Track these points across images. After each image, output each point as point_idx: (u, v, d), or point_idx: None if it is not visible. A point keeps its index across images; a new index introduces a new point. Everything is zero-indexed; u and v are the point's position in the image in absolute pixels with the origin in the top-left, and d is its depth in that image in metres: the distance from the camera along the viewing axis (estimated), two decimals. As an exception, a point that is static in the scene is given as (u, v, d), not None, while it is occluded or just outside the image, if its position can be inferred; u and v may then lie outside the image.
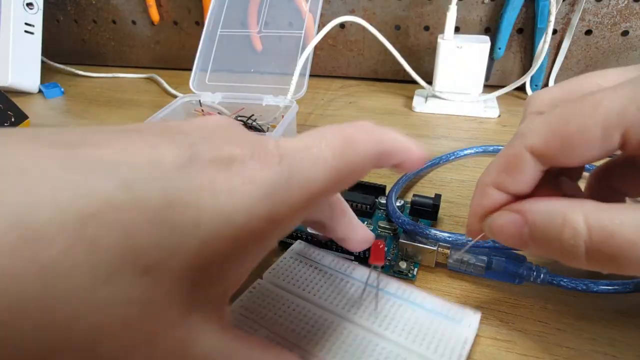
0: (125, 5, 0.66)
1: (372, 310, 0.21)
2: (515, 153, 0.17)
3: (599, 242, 0.14)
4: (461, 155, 0.39)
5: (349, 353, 0.20)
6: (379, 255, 0.21)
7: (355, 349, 0.20)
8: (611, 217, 0.14)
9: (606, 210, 0.15)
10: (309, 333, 0.21)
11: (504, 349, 0.21)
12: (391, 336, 0.20)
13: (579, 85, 0.18)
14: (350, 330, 0.21)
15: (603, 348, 0.21)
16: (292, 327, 0.21)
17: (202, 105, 0.44)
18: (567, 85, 0.19)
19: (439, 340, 0.20)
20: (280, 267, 0.24)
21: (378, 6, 0.54)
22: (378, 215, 0.29)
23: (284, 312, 0.22)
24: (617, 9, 0.46)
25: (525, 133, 0.17)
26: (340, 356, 0.19)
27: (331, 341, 0.20)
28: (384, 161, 0.17)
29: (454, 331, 0.20)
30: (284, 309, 0.22)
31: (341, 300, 0.22)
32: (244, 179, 0.13)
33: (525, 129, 0.17)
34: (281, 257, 0.25)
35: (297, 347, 0.20)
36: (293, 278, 0.24)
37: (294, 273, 0.24)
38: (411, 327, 0.20)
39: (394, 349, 0.20)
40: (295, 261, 0.25)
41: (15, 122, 0.43)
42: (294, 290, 0.23)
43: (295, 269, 0.24)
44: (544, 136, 0.16)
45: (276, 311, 0.22)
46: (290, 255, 0.25)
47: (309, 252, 0.25)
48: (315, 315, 0.21)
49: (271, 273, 0.24)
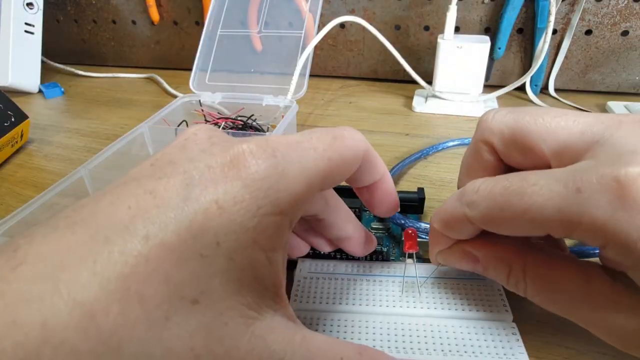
0: (125, 5, 0.66)
1: (415, 297, 0.22)
2: (457, 218, 0.19)
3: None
4: (439, 149, 0.40)
5: (414, 342, 0.20)
6: (413, 241, 0.21)
7: (415, 336, 0.20)
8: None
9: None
10: (360, 340, 0.21)
11: (504, 349, 0.21)
12: (441, 312, 0.22)
13: (528, 125, 0.18)
14: (401, 322, 0.21)
15: (603, 348, 0.21)
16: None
17: (202, 105, 0.44)
18: (518, 119, 0.19)
19: (479, 298, 0.22)
20: (300, 290, 0.23)
21: (378, 6, 0.54)
22: (367, 217, 0.29)
23: (331, 331, 0.21)
24: (617, 9, 0.46)
25: (469, 202, 0.18)
26: (405, 347, 0.20)
27: (387, 337, 0.21)
28: (366, 167, 0.19)
29: (488, 288, 0.23)
30: (328, 327, 0.21)
31: (375, 299, 0.22)
32: (244, 181, 0.13)
33: (469, 197, 0.18)
34: (295, 281, 0.24)
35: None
36: (318, 295, 0.23)
37: (317, 291, 0.23)
38: (453, 298, 0.22)
39: (447, 322, 0.21)
40: (310, 280, 0.24)
41: (15, 122, 0.43)
42: (327, 307, 0.22)
43: (317, 286, 0.24)
44: (482, 214, 0.17)
45: (323, 333, 0.21)
46: (303, 275, 0.24)
47: (318, 267, 0.25)
48: (362, 322, 0.21)
49: (296, 300, 0.23)
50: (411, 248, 0.21)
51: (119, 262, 0.11)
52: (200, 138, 0.16)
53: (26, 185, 0.39)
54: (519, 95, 0.52)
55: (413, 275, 0.23)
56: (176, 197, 0.13)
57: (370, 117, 0.49)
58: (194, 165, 0.14)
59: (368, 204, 0.22)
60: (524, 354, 0.20)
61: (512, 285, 0.19)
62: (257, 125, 0.42)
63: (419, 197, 0.29)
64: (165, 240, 0.12)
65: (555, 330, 0.22)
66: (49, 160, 0.43)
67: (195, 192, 0.13)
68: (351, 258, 0.26)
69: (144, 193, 0.13)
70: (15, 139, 0.44)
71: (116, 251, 0.12)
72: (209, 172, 0.14)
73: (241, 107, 0.44)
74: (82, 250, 0.12)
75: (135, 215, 0.12)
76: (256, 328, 0.13)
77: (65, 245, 0.12)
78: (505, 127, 0.19)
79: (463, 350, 0.20)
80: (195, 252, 0.12)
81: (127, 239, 0.12)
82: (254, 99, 0.43)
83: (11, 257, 0.12)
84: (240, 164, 0.14)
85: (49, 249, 0.12)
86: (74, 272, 0.11)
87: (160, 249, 0.12)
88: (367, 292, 0.23)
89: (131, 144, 0.37)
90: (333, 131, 0.17)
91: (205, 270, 0.12)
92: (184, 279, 0.12)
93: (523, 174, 0.16)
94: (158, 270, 0.12)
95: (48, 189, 0.29)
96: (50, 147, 0.46)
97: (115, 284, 0.11)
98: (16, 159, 0.44)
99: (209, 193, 0.13)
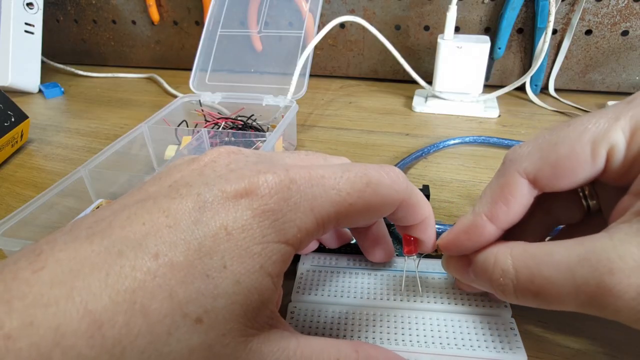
0: (125, 5, 0.66)
1: (415, 291, 0.23)
2: (508, 180, 0.17)
3: (524, 281, 0.16)
4: (441, 147, 0.40)
5: (413, 335, 0.21)
6: (412, 246, 0.21)
7: (414, 329, 0.21)
8: (535, 259, 0.16)
9: (531, 252, 0.16)
10: (361, 332, 0.21)
11: (504, 349, 0.21)
12: (440, 307, 0.22)
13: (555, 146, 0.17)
14: (401, 315, 0.22)
15: (603, 348, 0.21)
16: (343, 333, 0.21)
17: (202, 105, 0.44)
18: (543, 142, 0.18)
19: (480, 294, 0.22)
20: (303, 283, 0.24)
21: (378, 6, 0.54)
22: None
23: (332, 322, 0.22)
24: (617, 9, 0.46)
25: (514, 159, 0.17)
26: (404, 339, 0.20)
27: (387, 330, 0.21)
28: (404, 211, 0.18)
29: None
30: (329, 319, 0.22)
31: (376, 292, 0.23)
32: (254, 211, 0.14)
33: (514, 155, 0.17)
34: (298, 274, 0.25)
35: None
36: (320, 288, 0.23)
37: (320, 283, 0.24)
38: (452, 293, 0.22)
39: (446, 316, 0.21)
40: (314, 272, 0.25)
41: (15, 121, 0.43)
42: (329, 300, 0.23)
43: (319, 279, 0.24)
44: (535, 159, 0.17)
45: (324, 325, 0.22)
46: (306, 268, 0.25)
47: (320, 261, 0.25)
48: (362, 314, 0.22)
49: (298, 292, 0.23)
50: (410, 252, 0.21)
51: (129, 277, 0.12)
52: (219, 165, 0.16)
53: (26, 185, 0.39)
54: (519, 95, 0.52)
55: (413, 270, 0.23)
56: (188, 219, 0.14)
57: (370, 117, 0.49)
58: (209, 188, 0.14)
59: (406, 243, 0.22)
60: (522, 349, 0.20)
61: (498, 278, 0.17)
62: (257, 125, 0.42)
63: (425, 194, 0.29)
64: (174, 259, 0.13)
65: (555, 330, 0.22)
66: (49, 160, 0.43)
67: (206, 216, 0.14)
68: (353, 252, 0.26)
69: (158, 211, 0.14)
70: (15, 139, 0.44)
71: (127, 265, 0.12)
72: (222, 197, 0.14)
73: (241, 107, 0.44)
74: (97, 261, 0.12)
75: (148, 233, 0.13)
76: (254, 344, 0.14)
77: (82, 255, 0.13)
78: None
79: (461, 344, 0.20)
80: (202, 273, 0.13)
81: (139, 255, 0.13)
82: (254, 99, 0.43)
83: (34, 261, 0.12)
84: (253, 193, 0.14)
85: (68, 256, 0.12)
86: (88, 281, 0.12)
87: (168, 267, 0.13)
88: (368, 285, 0.23)
89: (131, 144, 0.37)
90: (369, 172, 0.16)
91: (211, 290, 0.13)
92: (189, 297, 0.13)
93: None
94: (164, 287, 0.12)
95: (48, 189, 0.29)
96: (50, 147, 0.46)
97: (123, 296, 0.12)
98: (16, 159, 0.44)
99: (219, 218, 0.14)
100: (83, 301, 0.12)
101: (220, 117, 0.43)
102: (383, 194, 0.16)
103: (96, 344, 0.11)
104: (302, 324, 0.22)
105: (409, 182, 0.18)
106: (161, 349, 0.12)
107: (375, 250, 0.23)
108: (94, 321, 0.11)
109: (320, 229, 0.16)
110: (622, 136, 0.16)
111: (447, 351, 0.20)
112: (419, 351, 0.20)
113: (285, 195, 0.15)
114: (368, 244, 0.23)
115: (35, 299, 0.11)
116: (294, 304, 0.23)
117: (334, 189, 0.15)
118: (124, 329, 0.12)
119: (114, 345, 0.11)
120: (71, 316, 0.11)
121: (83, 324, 0.11)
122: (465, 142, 0.41)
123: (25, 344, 0.11)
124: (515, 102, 0.51)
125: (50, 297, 0.11)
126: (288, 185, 0.15)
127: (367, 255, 0.24)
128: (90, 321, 0.11)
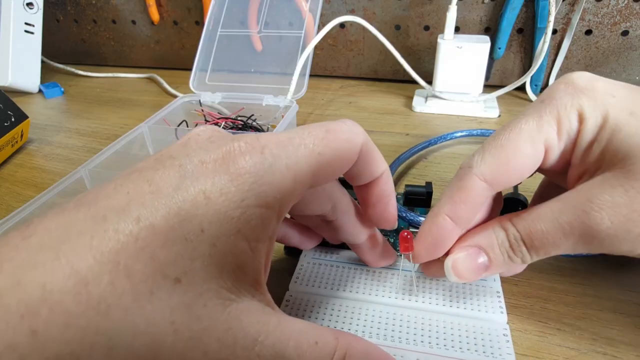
0: (125, 5, 0.66)
1: (411, 291, 0.23)
2: (467, 182, 0.19)
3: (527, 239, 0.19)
4: (449, 139, 0.40)
5: (402, 332, 0.21)
6: (408, 243, 0.21)
7: (405, 327, 0.21)
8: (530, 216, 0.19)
9: (524, 215, 0.19)
10: (352, 325, 0.21)
11: (504, 349, 0.21)
12: (435, 308, 0.22)
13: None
14: (394, 312, 0.22)
15: (603, 348, 0.21)
16: (334, 324, 0.21)
17: (202, 105, 0.44)
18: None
19: (476, 298, 0.22)
20: (302, 274, 0.24)
21: (378, 6, 0.54)
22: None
23: (325, 313, 0.22)
24: (617, 9, 0.46)
25: (469, 165, 0.20)
26: (393, 335, 0.21)
27: (377, 325, 0.21)
28: (364, 162, 0.19)
29: (487, 289, 0.23)
30: (322, 310, 0.22)
31: (372, 288, 0.23)
32: (231, 175, 0.15)
33: (469, 162, 0.20)
34: (298, 265, 0.25)
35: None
36: (318, 280, 0.24)
37: (318, 276, 0.24)
38: (449, 295, 0.22)
39: (439, 317, 0.21)
40: (314, 265, 0.25)
41: (15, 122, 0.43)
42: (325, 292, 0.23)
43: (318, 271, 0.24)
44: (488, 162, 0.19)
45: (317, 315, 0.22)
46: (307, 261, 0.25)
47: (322, 255, 0.26)
48: (355, 308, 0.22)
49: (296, 282, 0.24)
50: (406, 250, 0.21)
51: (112, 239, 0.13)
52: (201, 138, 0.17)
53: (26, 185, 0.39)
54: (519, 95, 0.52)
55: (410, 269, 0.24)
56: (169, 186, 0.14)
57: (370, 117, 0.49)
58: (190, 159, 0.15)
59: (364, 206, 0.22)
60: (512, 355, 0.19)
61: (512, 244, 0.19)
62: (257, 125, 0.42)
63: (427, 190, 0.29)
64: (155, 223, 0.13)
65: (555, 330, 0.22)
66: (49, 160, 0.43)
67: (186, 183, 0.14)
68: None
69: (142, 181, 0.14)
70: (15, 139, 0.44)
71: (111, 229, 0.13)
72: (201, 165, 0.15)
73: (241, 107, 0.44)
74: (83, 227, 0.13)
75: (131, 200, 0.14)
76: (233, 309, 0.14)
77: (69, 222, 0.13)
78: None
79: (450, 345, 0.20)
80: (181, 236, 0.14)
81: (122, 219, 0.13)
82: (254, 99, 0.43)
83: (24, 230, 0.13)
84: (229, 159, 0.15)
85: (56, 224, 0.13)
86: (74, 245, 0.13)
87: (149, 230, 0.13)
88: (366, 281, 0.24)
89: (131, 144, 0.37)
90: (327, 124, 0.18)
91: (189, 253, 0.14)
92: (169, 259, 0.13)
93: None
94: (145, 249, 0.13)
95: (48, 189, 0.29)
96: (50, 147, 0.46)
97: (107, 257, 0.13)
98: (16, 159, 0.44)
99: (198, 184, 0.14)
100: (69, 262, 0.12)
101: (220, 117, 0.43)
102: (344, 138, 0.18)
103: (82, 300, 0.12)
104: (295, 312, 0.22)
105: (365, 131, 0.19)
106: (144, 306, 0.13)
107: (376, 209, 0.22)
108: (80, 280, 0.12)
109: (298, 187, 0.16)
110: (551, 129, 0.19)
111: (434, 350, 0.20)
112: (405, 348, 0.20)
113: (260, 159, 0.15)
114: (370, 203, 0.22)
115: (23, 262, 0.12)
116: (290, 293, 0.23)
117: (301, 144, 0.16)
118: (109, 287, 0.12)
119: (99, 302, 0.12)
120: (58, 275, 0.12)
121: (69, 282, 0.12)
122: (473, 134, 0.41)
123: (13, 301, 0.11)
124: (515, 102, 0.51)
125: (38, 260, 0.12)
126: (261, 150, 0.15)
127: (369, 263, 0.24)
128: (76, 280, 0.12)
